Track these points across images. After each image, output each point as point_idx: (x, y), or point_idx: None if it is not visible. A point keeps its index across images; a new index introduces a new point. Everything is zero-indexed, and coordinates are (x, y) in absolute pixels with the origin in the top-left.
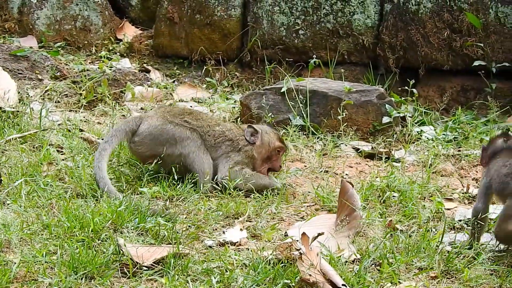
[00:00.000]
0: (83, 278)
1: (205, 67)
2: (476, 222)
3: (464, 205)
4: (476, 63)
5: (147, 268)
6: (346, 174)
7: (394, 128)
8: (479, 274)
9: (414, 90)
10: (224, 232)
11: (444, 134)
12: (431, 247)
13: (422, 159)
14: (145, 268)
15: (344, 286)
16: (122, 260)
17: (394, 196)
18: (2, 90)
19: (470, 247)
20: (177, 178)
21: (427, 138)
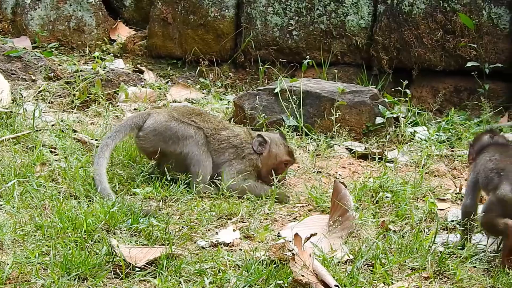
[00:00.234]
0: (76, 279)
1: (198, 68)
2: (466, 218)
3: (457, 205)
4: (469, 64)
5: (140, 269)
6: (339, 175)
7: (387, 128)
8: (472, 275)
9: (407, 90)
10: (217, 232)
11: (437, 135)
12: (424, 248)
13: (415, 160)
14: (138, 269)
15: (336, 287)
16: (115, 261)
17: (387, 196)
18: None
19: (462, 247)
20: (173, 177)
21: (420, 138)
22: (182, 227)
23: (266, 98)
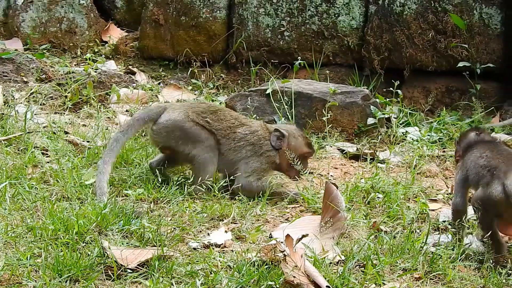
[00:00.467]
0: (68, 281)
1: (190, 69)
2: (456, 217)
3: (448, 206)
4: (460, 64)
5: (132, 270)
6: (331, 176)
7: (379, 129)
8: (463, 275)
9: (399, 91)
10: (208, 234)
11: (429, 135)
12: (415, 248)
13: (407, 160)
14: (129, 270)
15: None
16: (107, 262)
17: (378, 197)
18: None
19: (453, 248)
20: (165, 179)
21: (412, 139)
22: (174, 229)
23: (258, 99)
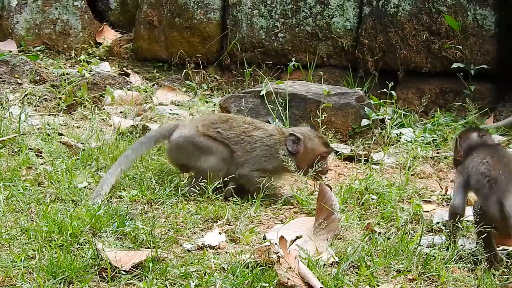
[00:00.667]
0: (62, 283)
1: (184, 70)
2: (452, 220)
3: (442, 207)
4: (454, 65)
5: (126, 272)
6: (325, 177)
7: (373, 130)
8: (457, 276)
9: (393, 92)
10: (203, 235)
11: (423, 136)
12: (409, 250)
13: (401, 161)
14: (123, 272)
15: None
16: (101, 264)
17: (372, 198)
18: None
19: (447, 249)
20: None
21: (406, 140)
22: (168, 230)
23: (252, 101)
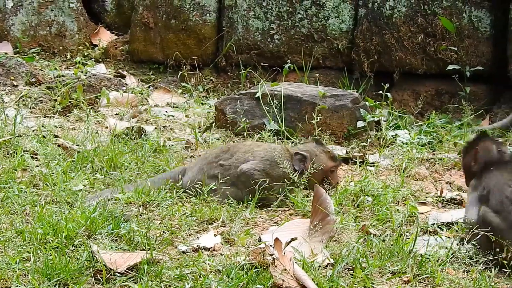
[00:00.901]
0: (57, 285)
1: (180, 72)
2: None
3: (437, 209)
4: (450, 67)
5: (121, 274)
6: None
7: (369, 132)
8: (452, 278)
9: (389, 94)
10: (198, 237)
11: (418, 138)
12: (404, 251)
13: (397, 163)
14: (118, 274)
15: None
16: (96, 266)
17: (368, 200)
18: None
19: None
20: None
21: (402, 142)
22: (163, 232)
23: (248, 102)
